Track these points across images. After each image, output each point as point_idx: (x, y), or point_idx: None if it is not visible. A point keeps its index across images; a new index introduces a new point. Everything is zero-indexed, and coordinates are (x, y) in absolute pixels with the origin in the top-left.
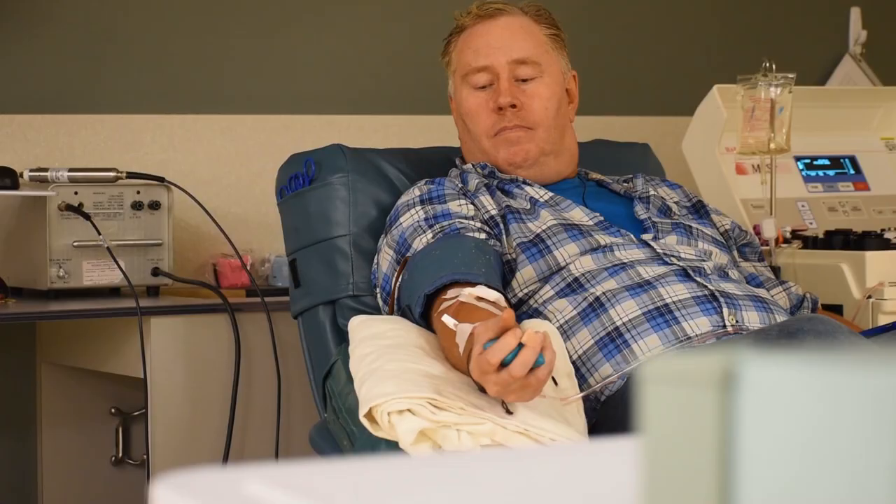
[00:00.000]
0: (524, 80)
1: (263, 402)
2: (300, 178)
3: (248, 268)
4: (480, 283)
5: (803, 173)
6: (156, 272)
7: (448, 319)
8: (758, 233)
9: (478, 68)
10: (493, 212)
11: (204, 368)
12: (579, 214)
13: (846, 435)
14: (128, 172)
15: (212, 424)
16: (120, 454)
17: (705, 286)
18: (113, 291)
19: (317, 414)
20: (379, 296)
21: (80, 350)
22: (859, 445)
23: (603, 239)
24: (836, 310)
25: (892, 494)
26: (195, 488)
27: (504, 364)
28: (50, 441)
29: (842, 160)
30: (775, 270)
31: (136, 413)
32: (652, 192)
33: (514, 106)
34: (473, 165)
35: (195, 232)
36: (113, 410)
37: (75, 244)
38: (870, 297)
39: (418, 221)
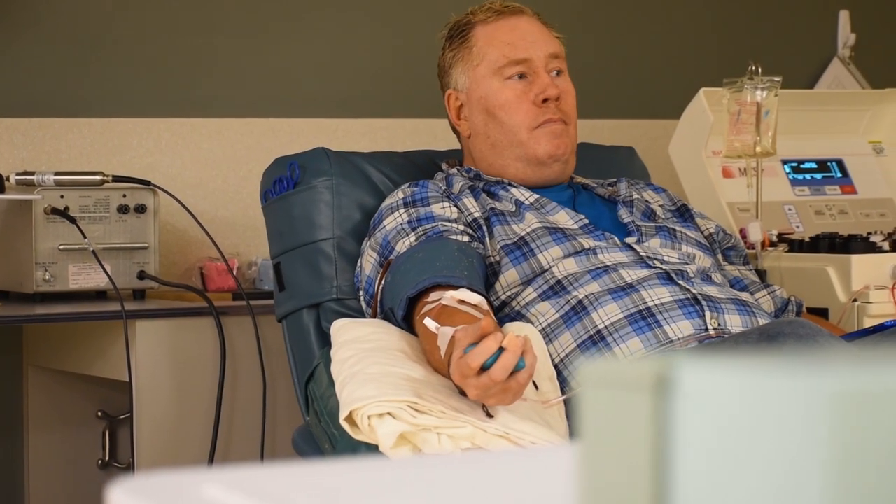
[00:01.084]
0: (557, 75)
1: (249, 405)
2: (284, 181)
3: (235, 271)
4: (463, 287)
5: (790, 176)
6: (142, 276)
7: (430, 323)
8: (744, 236)
9: (516, 60)
10: (477, 214)
11: (189, 372)
12: (564, 217)
13: (779, 439)
14: (114, 176)
15: (197, 427)
16: (107, 457)
17: (688, 289)
18: (99, 295)
19: (302, 417)
20: (362, 299)
21: (66, 353)
22: (792, 449)
23: (587, 242)
24: (822, 313)
25: (824, 498)
26: (151, 491)
27: (484, 368)
28: (37, 444)
29: (829, 163)
30: (761, 274)
31: (122, 416)
32: (636, 196)
33: (557, 98)
34: (458, 169)
35: (182, 235)
36: (99, 414)
37: (61, 247)
38: (855, 300)
39: (401, 224)
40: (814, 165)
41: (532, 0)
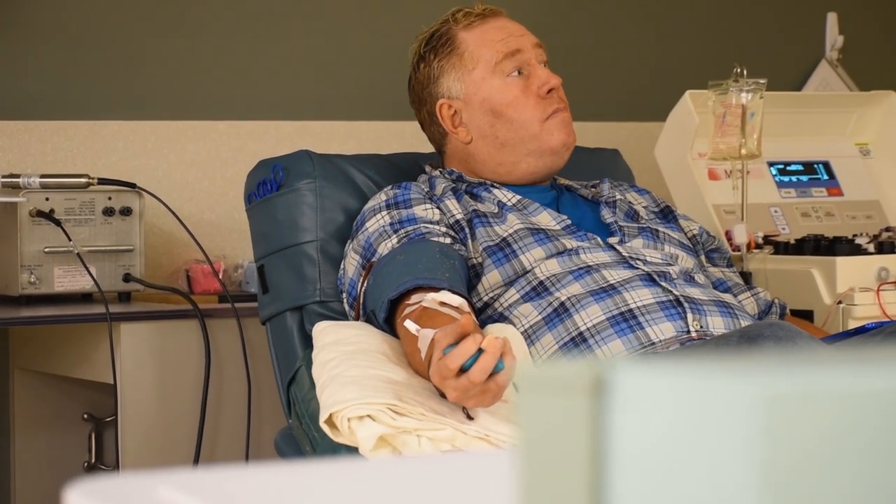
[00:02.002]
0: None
1: (234, 407)
2: (268, 183)
3: (221, 274)
4: (444, 288)
5: (776, 178)
6: (127, 278)
7: (410, 325)
8: (729, 238)
9: (510, 52)
10: (459, 216)
11: (174, 374)
12: (546, 218)
13: (713, 441)
14: (99, 178)
15: (183, 430)
16: (93, 459)
17: (670, 291)
18: (85, 297)
19: (286, 419)
20: (345, 301)
21: (52, 356)
22: (725, 451)
23: (569, 242)
24: (807, 315)
25: (757, 499)
26: (107, 493)
27: (464, 369)
28: (23, 447)
29: (815, 165)
30: (747, 276)
31: (108, 419)
32: (619, 197)
33: (557, 88)
34: (441, 171)
35: (168, 238)
36: (86, 416)
37: (46, 250)
38: (840, 302)
39: (384, 226)
40: (800, 167)
41: (520, 4)
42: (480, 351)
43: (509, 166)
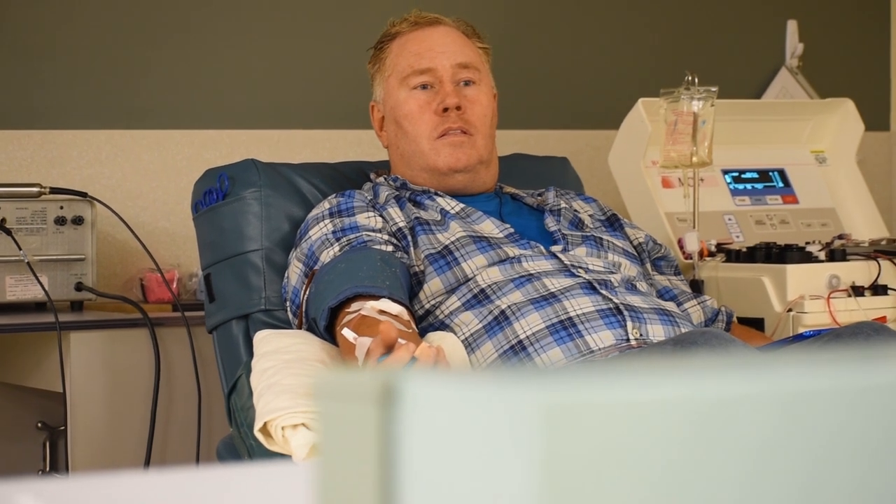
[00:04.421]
0: (465, 85)
1: (184, 416)
2: (214, 192)
3: (176, 282)
4: (384, 297)
5: (731, 186)
6: (79, 287)
7: (348, 333)
8: (681, 246)
9: (420, 70)
10: (402, 224)
11: (125, 383)
12: (489, 226)
13: (495, 450)
14: (51, 188)
15: (133, 438)
16: (47, 468)
17: (610, 299)
18: (39, 306)
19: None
20: (289, 309)
21: (4, 365)
22: (506, 460)
23: (512, 251)
24: (758, 323)
25: None
26: None
27: None
28: None
29: (770, 173)
30: (698, 284)
31: (62, 427)
32: (563, 205)
33: (458, 108)
34: (385, 178)
35: (122, 247)
36: (39, 425)
37: None
38: (790, 310)
39: (326, 234)
40: (755, 175)
41: (471, 10)
42: (415, 359)
43: (410, 178)
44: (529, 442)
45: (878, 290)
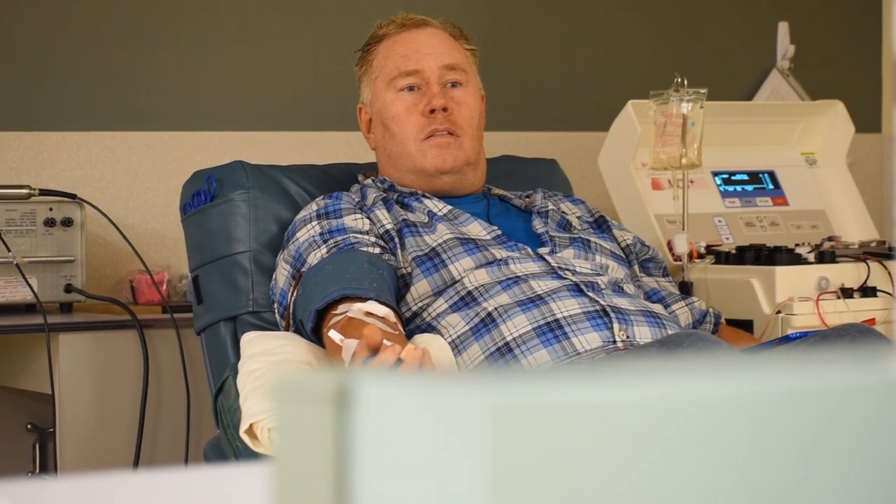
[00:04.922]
0: (452, 87)
1: (173, 417)
2: (202, 194)
3: (165, 284)
4: (371, 299)
5: (721, 188)
6: (69, 289)
7: (334, 335)
8: (671, 248)
9: (407, 72)
10: (389, 226)
11: (114, 385)
12: (477, 228)
13: (448, 451)
14: (40, 189)
15: (122, 440)
16: (37, 470)
17: (597, 301)
18: (29, 308)
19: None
20: (276, 311)
21: None
22: (461, 462)
23: (499, 253)
24: (747, 325)
25: None
26: None
27: None
28: None
29: (760, 175)
30: (688, 286)
31: (52, 429)
32: (551, 207)
33: (444, 109)
34: (373, 180)
35: (112, 248)
36: (29, 426)
37: None
38: (779, 312)
39: (314, 236)
40: (745, 177)
41: (459, 12)
42: (401, 361)
43: (398, 179)
44: (480, 443)
45: (868, 292)
